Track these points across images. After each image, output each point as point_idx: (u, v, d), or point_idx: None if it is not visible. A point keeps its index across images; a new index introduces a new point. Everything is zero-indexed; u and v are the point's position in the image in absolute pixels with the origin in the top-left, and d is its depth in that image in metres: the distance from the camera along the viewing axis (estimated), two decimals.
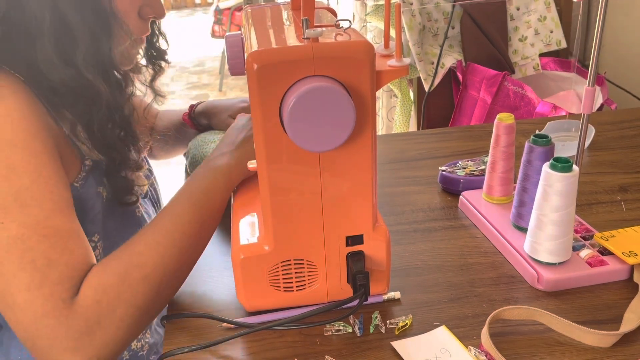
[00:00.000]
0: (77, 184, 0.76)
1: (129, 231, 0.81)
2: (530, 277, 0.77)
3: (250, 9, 0.85)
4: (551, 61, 2.22)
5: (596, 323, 0.70)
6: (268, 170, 0.65)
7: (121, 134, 0.79)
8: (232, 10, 4.42)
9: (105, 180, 0.80)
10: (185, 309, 0.76)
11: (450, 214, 0.95)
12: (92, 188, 0.77)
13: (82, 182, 0.76)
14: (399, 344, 0.68)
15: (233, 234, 0.74)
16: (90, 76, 0.71)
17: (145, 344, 0.88)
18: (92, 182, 0.78)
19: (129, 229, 0.83)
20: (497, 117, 0.89)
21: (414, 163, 1.12)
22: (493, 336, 0.67)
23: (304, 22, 0.64)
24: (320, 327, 0.71)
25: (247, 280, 0.71)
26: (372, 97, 0.64)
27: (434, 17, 2.14)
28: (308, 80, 0.60)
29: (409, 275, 0.80)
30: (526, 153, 0.81)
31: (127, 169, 0.81)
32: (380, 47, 0.73)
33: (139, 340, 0.87)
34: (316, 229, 0.69)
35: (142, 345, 0.87)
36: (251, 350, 0.69)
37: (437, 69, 2.10)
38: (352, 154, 0.66)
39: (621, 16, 2.12)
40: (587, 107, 0.82)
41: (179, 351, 0.67)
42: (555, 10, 2.16)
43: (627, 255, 0.77)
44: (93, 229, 0.78)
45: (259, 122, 0.63)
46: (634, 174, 1.04)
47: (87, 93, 0.72)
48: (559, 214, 0.73)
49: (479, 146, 1.17)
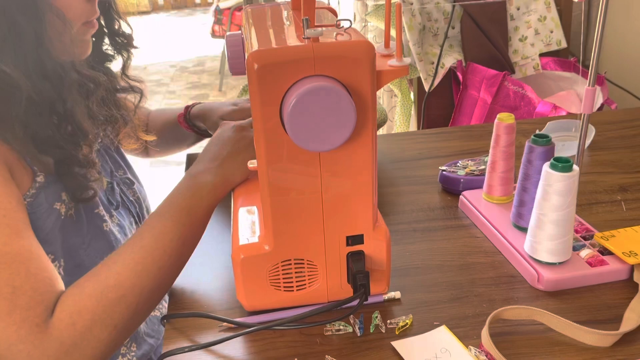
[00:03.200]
0: (26, 200, 0.71)
1: (95, 246, 0.79)
2: (530, 277, 0.77)
3: (250, 9, 0.85)
4: (551, 61, 2.22)
5: (596, 323, 0.70)
6: (268, 170, 0.65)
7: (67, 129, 0.74)
8: (232, 10, 4.42)
9: (63, 194, 0.75)
10: (185, 309, 0.76)
11: (450, 214, 0.95)
12: (42, 206, 0.73)
13: (31, 200, 0.72)
14: (399, 343, 0.68)
15: (233, 233, 0.74)
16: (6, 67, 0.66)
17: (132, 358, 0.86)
18: (43, 199, 0.73)
19: (95, 243, 0.80)
20: (497, 117, 0.89)
21: (414, 163, 1.12)
22: (493, 336, 0.67)
23: (305, 22, 0.64)
24: (320, 327, 0.71)
25: (247, 280, 0.71)
26: (372, 97, 0.64)
27: (434, 17, 2.14)
28: (308, 80, 0.60)
29: (409, 275, 0.80)
30: (526, 153, 0.81)
31: (78, 166, 0.76)
32: (381, 47, 0.73)
33: (124, 355, 0.85)
34: (316, 228, 0.69)
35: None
36: (251, 350, 0.69)
37: (437, 69, 2.10)
38: (352, 154, 0.66)
39: (621, 16, 2.12)
40: (588, 107, 0.82)
41: (179, 351, 0.67)
42: (555, 10, 2.16)
43: (627, 255, 0.77)
44: (46, 248, 0.72)
45: (259, 122, 0.63)
46: (634, 173, 1.04)
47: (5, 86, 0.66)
48: (559, 213, 0.73)
49: (479, 146, 1.17)
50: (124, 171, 0.92)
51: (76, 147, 0.76)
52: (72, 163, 0.75)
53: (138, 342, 0.87)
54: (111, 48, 0.91)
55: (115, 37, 0.90)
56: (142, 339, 0.88)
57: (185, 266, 0.75)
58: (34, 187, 0.72)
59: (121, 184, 0.90)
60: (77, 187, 0.76)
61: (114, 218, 0.84)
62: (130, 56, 0.93)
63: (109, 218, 0.83)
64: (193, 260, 0.77)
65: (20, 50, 0.68)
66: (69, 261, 0.77)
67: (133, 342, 0.86)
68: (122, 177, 0.91)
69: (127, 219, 0.89)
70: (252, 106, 0.63)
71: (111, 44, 0.90)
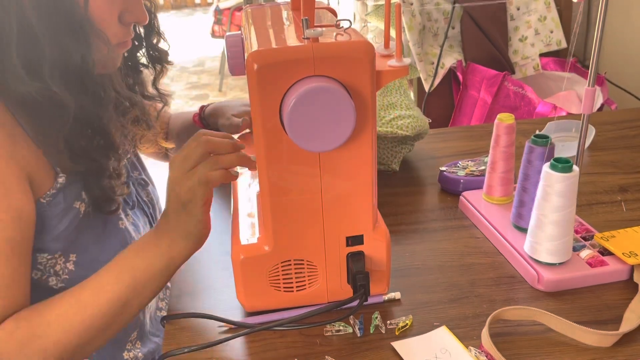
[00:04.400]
0: (44, 200, 0.73)
1: (109, 243, 0.80)
2: (530, 278, 0.77)
3: (250, 9, 0.84)
4: (551, 61, 2.22)
5: (596, 323, 0.70)
6: (268, 170, 0.65)
7: (100, 142, 0.76)
8: (232, 10, 4.41)
9: (84, 193, 0.77)
10: (185, 309, 0.76)
11: (450, 214, 0.95)
12: (59, 205, 0.74)
13: (50, 199, 0.73)
14: (399, 344, 0.68)
15: (233, 234, 0.74)
16: (57, 89, 0.68)
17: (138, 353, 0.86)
18: (62, 199, 0.74)
19: (109, 240, 0.81)
20: (497, 117, 0.89)
21: (414, 163, 1.12)
22: (493, 336, 0.67)
23: (304, 22, 0.63)
24: (320, 327, 0.71)
25: (247, 281, 0.71)
26: (372, 97, 0.64)
27: (434, 17, 2.14)
28: (308, 80, 0.60)
29: (409, 276, 0.80)
30: (526, 153, 0.81)
31: (106, 178, 0.78)
32: (381, 47, 0.73)
33: (129, 350, 0.85)
34: (316, 229, 0.69)
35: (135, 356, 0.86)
36: (251, 351, 0.69)
37: (437, 69, 2.10)
38: (352, 154, 0.66)
39: (621, 16, 2.12)
40: (587, 107, 0.82)
41: (179, 351, 0.67)
42: (555, 10, 2.16)
43: (627, 255, 0.77)
44: (55, 246, 0.75)
45: (259, 122, 0.63)
46: (634, 174, 1.04)
47: (54, 106, 0.69)
48: (559, 214, 0.73)
49: (479, 146, 1.17)
50: (139, 172, 0.94)
51: (106, 160, 0.78)
52: (101, 175, 0.77)
53: (143, 340, 0.88)
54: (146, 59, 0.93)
55: (151, 50, 0.92)
56: (147, 337, 0.89)
57: (186, 266, 0.75)
58: (54, 187, 0.73)
59: (136, 184, 0.92)
60: (103, 199, 0.78)
61: (129, 217, 0.86)
62: (164, 70, 0.95)
63: (125, 217, 0.84)
64: (193, 260, 0.77)
65: (68, 71, 0.70)
66: (83, 255, 0.78)
67: (138, 340, 0.86)
68: (137, 178, 0.93)
69: (142, 218, 0.90)
70: (251, 106, 0.63)
71: (147, 56, 0.92)
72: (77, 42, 0.70)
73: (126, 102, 0.85)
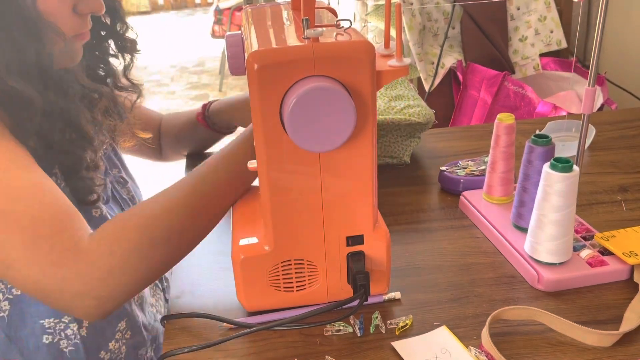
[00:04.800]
0: None
1: None
2: (530, 277, 0.77)
3: (250, 9, 0.84)
4: (551, 61, 2.22)
5: (596, 323, 0.70)
6: (268, 170, 0.65)
7: (72, 135, 0.76)
8: (232, 10, 4.42)
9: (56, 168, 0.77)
10: (185, 309, 0.76)
11: (450, 214, 0.95)
12: None
13: None
14: (400, 344, 0.68)
15: (233, 234, 0.74)
16: (16, 85, 0.68)
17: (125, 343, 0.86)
18: None
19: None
20: (497, 117, 0.89)
21: (414, 163, 1.12)
22: (493, 336, 0.67)
23: (304, 22, 0.63)
24: (320, 327, 0.71)
25: (247, 281, 0.71)
26: (372, 97, 0.64)
27: (434, 17, 2.14)
28: (308, 80, 0.60)
29: (409, 275, 0.80)
30: (526, 153, 0.81)
31: (84, 169, 0.78)
32: (381, 47, 0.73)
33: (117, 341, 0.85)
34: (316, 229, 0.69)
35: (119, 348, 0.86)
36: (251, 351, 0.69)
37: (437, 69, 2.10)
38: (352, 154, 0.66)
39: (621, 16, 2.12)
40: (588, 107, 0.82)
41: (179, 351, 0.67)
42: (555, 10, 2.16)
43: (627, 255, 0.77)
44: None
45: (259, 122, 0.63)
46: (634, 174, 1.04)
47: (20, 102, 0.70)
48: (559, 214, 0.73)
49: (479, 146, 1.17)
50: (118, 170, 0.94)
51: (82, 151, 0.78)
52: (79, 167, 0.78)
53: (133, 330, 0.86)
54: (115, 49, 0.92)
55: (119, 40, 0.91)
56: (138, 327, 0.87)
57: (186, 266, 0.75)
58: None
59: (114, 181, 0.92)
60: (83, 190, 0.78)
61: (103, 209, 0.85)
62: (133, 59, 0.94)
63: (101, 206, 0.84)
64: (193, 260, 0.77)
65: (25, 66, 0.70)
66: None
67: (128, 330, 0.85)
68: (115, 176, 0.93)
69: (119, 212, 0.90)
70: (251, 106, 0.63)
71: (115, 46, 0.92)
72: (29, 37, 0.70)
73: (94, 94, 0.84)
